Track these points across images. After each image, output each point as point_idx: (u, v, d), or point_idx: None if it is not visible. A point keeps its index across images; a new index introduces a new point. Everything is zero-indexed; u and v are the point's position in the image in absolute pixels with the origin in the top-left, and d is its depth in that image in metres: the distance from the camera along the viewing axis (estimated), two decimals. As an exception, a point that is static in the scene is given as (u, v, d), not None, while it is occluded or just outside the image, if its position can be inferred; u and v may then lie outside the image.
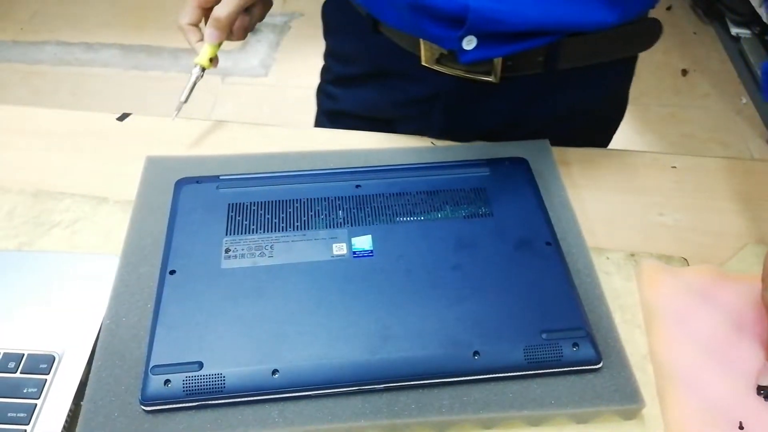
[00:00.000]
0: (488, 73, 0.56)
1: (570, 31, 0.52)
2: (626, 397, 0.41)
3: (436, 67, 0.57)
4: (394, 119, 0.66)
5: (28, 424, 0.39)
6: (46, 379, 0.41)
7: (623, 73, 0.64)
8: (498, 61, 0.55)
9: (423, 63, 0.57)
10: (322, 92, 0.74)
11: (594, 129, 0.68)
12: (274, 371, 0.40)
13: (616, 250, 0.51)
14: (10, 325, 0.44)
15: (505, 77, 0.56)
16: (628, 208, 0.55)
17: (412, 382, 0.41)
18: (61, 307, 0.45)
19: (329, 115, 0.73)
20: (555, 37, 0.51)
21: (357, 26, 0.60)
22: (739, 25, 1.98)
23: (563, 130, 0.61)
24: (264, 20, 0.61)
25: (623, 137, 0.74)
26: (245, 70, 1.96)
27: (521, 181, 0.52)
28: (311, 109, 0.76)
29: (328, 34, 0.70)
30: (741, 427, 0.40)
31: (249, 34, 0.60)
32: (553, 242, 0.48)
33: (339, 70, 0.69)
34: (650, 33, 0.57)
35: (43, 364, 0.42)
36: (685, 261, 0.51)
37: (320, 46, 0.71)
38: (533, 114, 0.62)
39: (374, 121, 0.66)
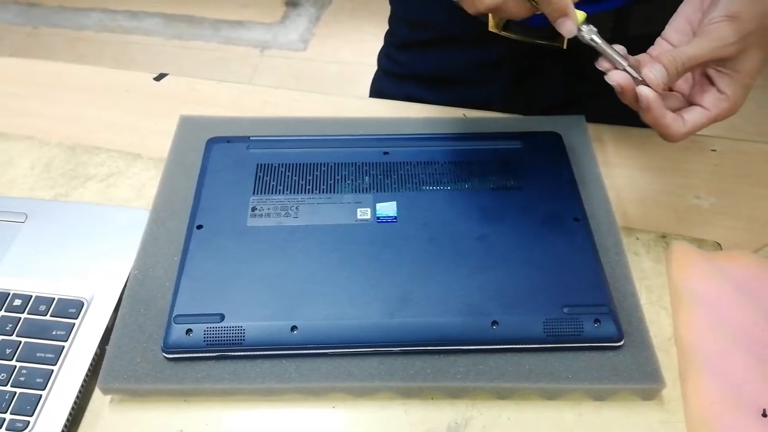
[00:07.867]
0: (555, 39, 0.55)
1: None
2: (646, 376, 0.40)
3: (503, 33, 0.56)
4: (461, 81, 0.66)
5: (55, 364, 0.41)
6: (74, 323, 0.43)
7: None
8: None
9: (489, 29, 0.57)
10: (384, 55, 0.74)
11: None
12: (293, 328, 0.40)
13: (647, 231, 0.50)
14: (43, 270, 0.46)
15: (572, 44, 0.55)
16: (663, 189, 0.53)
17: (428, 347, 0.41)
18: (92, 256, 0.46)
19: (390, 76, 0.73)
20: (625, 1, 0.50)
21: None
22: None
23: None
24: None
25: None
26: (284, 44, 1.96)
27: (553, 156, 0.51)
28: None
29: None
30: (765, 415, 0.39)
31: (289, 8, 0.60)
32: (581, 218, 0.47)
33: (405, 34, 0.69)
34: None
35: (72, 308, 0.43)
36: (718, 245, 0.49)
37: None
38: (600, 79, 0.61)
39: (437, 82, 0.65)
